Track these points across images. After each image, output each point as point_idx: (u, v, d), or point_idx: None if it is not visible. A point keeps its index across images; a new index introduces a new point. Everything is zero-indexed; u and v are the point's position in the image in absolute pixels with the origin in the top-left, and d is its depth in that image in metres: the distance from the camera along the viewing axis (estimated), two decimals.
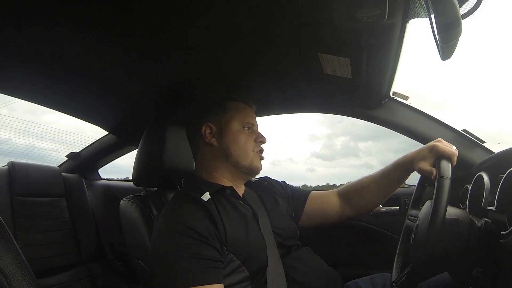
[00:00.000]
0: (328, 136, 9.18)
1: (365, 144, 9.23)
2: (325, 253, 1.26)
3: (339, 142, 9.80)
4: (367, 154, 8.01)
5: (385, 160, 6.67)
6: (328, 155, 8.81)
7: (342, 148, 9.29)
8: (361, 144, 9.41)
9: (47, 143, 3.08)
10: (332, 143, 9.60)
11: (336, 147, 9.28)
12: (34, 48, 1.11)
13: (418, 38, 1.05)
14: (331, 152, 9.02)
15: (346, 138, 10.09)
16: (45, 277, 1.68)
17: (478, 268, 0.85)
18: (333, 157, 8.99)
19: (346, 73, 1.25)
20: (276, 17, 0.96)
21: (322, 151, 8.76)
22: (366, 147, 8.55)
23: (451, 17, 0.72)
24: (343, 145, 9.49)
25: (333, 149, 9.24)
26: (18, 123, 3.05)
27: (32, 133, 3.15)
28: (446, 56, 0.86)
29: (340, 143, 9.76)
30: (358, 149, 9.20)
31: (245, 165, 1.17)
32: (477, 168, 1.29)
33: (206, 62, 1.25)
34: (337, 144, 9.64)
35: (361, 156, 8.47)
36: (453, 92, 3.53)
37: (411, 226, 1.05)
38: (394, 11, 0.86)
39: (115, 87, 1.43)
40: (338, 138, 10.00)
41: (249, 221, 1.09)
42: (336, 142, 9.73)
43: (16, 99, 1.53)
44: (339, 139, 9.90)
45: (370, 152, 8.05)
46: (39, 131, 3.14)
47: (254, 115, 1.26)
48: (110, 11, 0.94)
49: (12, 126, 3.04)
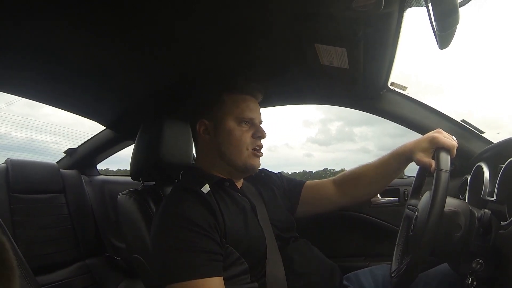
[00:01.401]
0: (322, 122, 9.13)
1: (360, 129, 9.19)
2: (324, 245, 1.27)
3: (334, 128, 9.75)
4: (363, 139, 7.97)
5: (382, 144, 6.65)
6: (324, 140, 8.77)
7: (338, 133, 9.24)
8: (356, 129, 9.37)
9: (46, 136, 3.07)
10: (327, 129, 9.54)
11: (331, 132, 9.24)
12: (32, 44, 1.09)
13: (416, 28, 1.03)
14: (327, 137, 8.98)
15: (340, 123, 10.03)
16: (45, 274, 1.69)
17: (478, 259, 0.85)
18: (329, 142, 8.95)
19: (343, 64, 1.23)
20: (272, 7, 0.95)
21: (318, 136, 8.71)
22: (361, 132, 8.51)
23: (448, 5, 0.70)
24: (338, 130, 9.43)
25: (329, 134, 9.20)
26: (17, 116, 3.04)
27: (31, 127, 3.14)
28: (444, 45, 0.85)
29: (335, 128, 9.70)
30: (353, 134, 9.16)
31: (239, 164, 1.13)
32: (477, 158, 1.29)
33: (203, 55, 1.24)
34: (332, 129, 9.59)
35: (358, 141, 8.44)
36: (446, 79, 3.51)
37: (411, 215, 1.05)
38: (390, 0, 0.84)
39: (112, 83, 1.42)
40: (333, 123, 9.94)
41: (247, 214, 1.09)
42: (331, 127, 9.68)
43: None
44: (334, 124, 9.85)
45: (366, 137, 8.01)
46: (38, 124, 3.13)
47: (255, 107, 1.19)
48: (109, 8, 0.92)
49: (10, 120, 3.02)
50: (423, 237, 0.82)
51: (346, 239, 1.66)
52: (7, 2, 0.87)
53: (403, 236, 1.14)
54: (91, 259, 1.94)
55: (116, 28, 1.03)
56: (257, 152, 1.16)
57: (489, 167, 1.10)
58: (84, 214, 2.02)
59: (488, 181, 1.05)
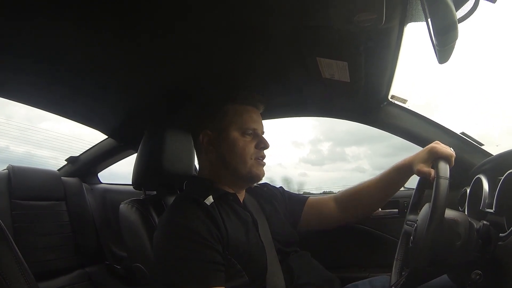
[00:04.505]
0: (311, 143, 9.09)
1: (350, 149, 9.22)
2: (324, 256, 1.27)
3: (325, 148, 9.76)
4: (356, 158, 7.99)
5: (376, 164, 6.66)
6: (316, 160, 8.75)
7: (330, 153, 9.24)
8: (347, 149, 9.40)
9: (45, 150, 3.07)
10: (318, 149, 9.52)
11: (323, 152, 9.21)
12: (34, 50, 1.10)
13: (416, 42, 1.05)
14: (319, 157, 8.95)
15: (330, 144, 10.05)
16: (45, 281, 1.67)
17: (477, 271, 0.85)
18: (322, 162, 8.92)
19: (345, 77, 1.25)
20: (275, 20, 0.96)
21: (309, 156, 8.69)
22: (353, 152, 8.53)
23: (447, 20, 0.72)
24: (329, 151, 9.44)
25: (321, 155, 9.17)
26: (15, 131, 3.05)
27: (30, 141, 3.14)
28: (443, 60, 0.86)
29: (326, 149, 9.71)
30: (345, 154, 9.19)
31: (244, 174, 1.14)
32: (476, 170, 1.30)
33: (206, 66, 1.26)
34: (323, 150, 9.59)
35: (351, 161, 8.44)
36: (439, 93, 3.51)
37: (409, 231, 1.05)
38: (391, 15, 0.87)
39: (115, 91, 1.43)
40: (322, 144, 9.94)
41: (249, 227, 1.10)
42: (321, 147, 9.68)
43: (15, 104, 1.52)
44: (324, 145, 9.85)
45: (358, 156, 8.04)
46: (37, 138, 3.13)
47: (258, 117, 1.20)
48: (111, 15, 0.94)
49: (9, 134, 3.03)
50: (423, 245, 0.83)
51: (345, 250, 1.66)
52: (9, 3, 0.87)
53: (402, 251, 1.14)
54: (91, 267, 1.92)
55: (119, 36, 1.04)
56: (261, 161, 1.17)
57: (488, 179, 1.11)
58: (85, 222, 2.01)
59: (487, 193, 1.06)
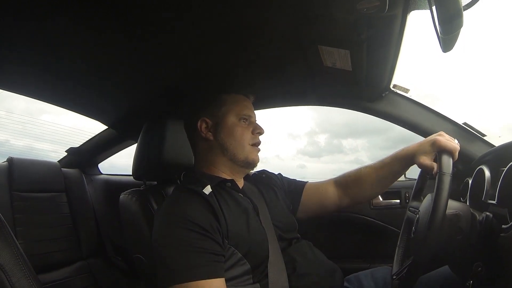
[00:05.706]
0: (308, 135, 9.08)
1: (347, 141, 9.24)
2: (325, 247, 1.27)
3: (322, 140, 9.78)
4: (354, 150, 8.02)
5: (374, 156, 6.66)
6: (314, 152, 8.78)
7: (327, 145, 9.27)
8: (344, 141, 9.42)
9: (45, 144, 3.08)
10: (315, 141, 9.54)
11: (320, 144, 9.25)
12: (36, 42, 1.09)
13: (419, 30, 1.03)
14: (317, 149, 8.99)
15: (326, 136, 10.06)
16: (46, 273, 1.68)
17: (479, 262, 0.85)
18: (320, 153, 8.97)
19: (346, 66, 1.24)
20: (276, 9, 0.95)
21: (307, 148, 8.73)
22: (350, 144, 8.55)
23: (452, 8, 0.70)
24: (326, 143, 9.45)
25: (318, 146, 9.21)
26: (16, 124, 3.05)
27: (30, 134, 3.14)
28: (447, 48, 0.85)
29: (323, 141, 9.72)
30: (342, 146, 9.22)
31: (241, 159, 1.17)
32: (478, 161, 1.29)
33: (206, 57, 1.24)
34: (320, 142, 9.61)
35: (348, 153, 8.47)
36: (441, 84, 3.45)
37: (412, 218, 1.05)
38: (394, 3, 0.84)
39: (116, 83, 1.42)
40: (318, 136, 9.96)
41: (250, 214, 1.09)
42: (318, 140, 9.70)
43: (15, 97, 1.51)
44: (320, 137, 9.87)
45: (356, 149, 8.06)
46: (37, 132, 3.13)
47: (251, 106, 1.25)
48: (112, 9, 0.93)
49: (10, 128, 3.03)
50: (425, 240, 0.82)
51: (347, 241, 1.66)
52: None
53: (404, 238, 1.14)
54: (92, 259, 1.93)
55: (120, 29, 1.03)
56: (257, 147, 1.20)
57: (490, 170, 1.09)
58: (85, 213, 2.02)
59: (489, 184, 1.05)
